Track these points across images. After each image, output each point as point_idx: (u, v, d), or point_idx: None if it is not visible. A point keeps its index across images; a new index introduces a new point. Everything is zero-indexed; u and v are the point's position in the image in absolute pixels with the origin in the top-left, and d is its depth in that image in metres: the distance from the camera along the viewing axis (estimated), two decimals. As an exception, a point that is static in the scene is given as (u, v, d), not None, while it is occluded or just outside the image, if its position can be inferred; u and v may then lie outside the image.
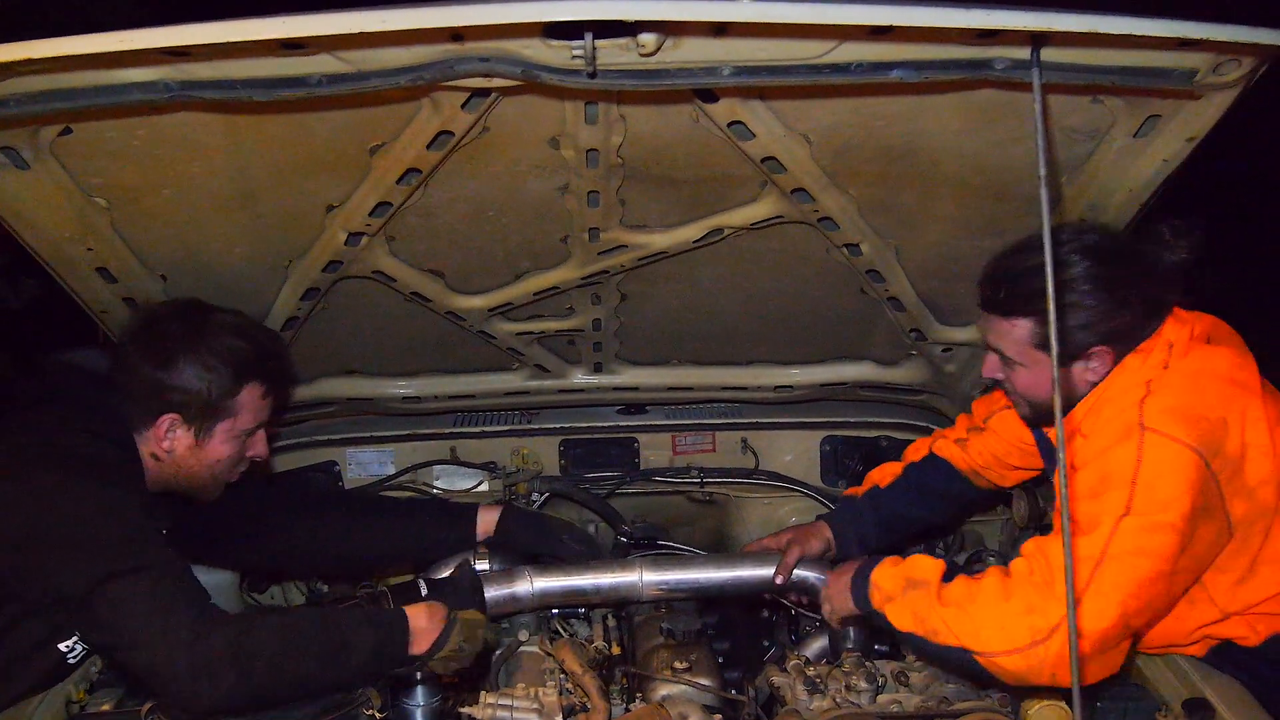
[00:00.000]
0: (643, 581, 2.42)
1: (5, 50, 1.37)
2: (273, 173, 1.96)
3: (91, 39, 1.38)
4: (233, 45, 1.39)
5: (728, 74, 1.59)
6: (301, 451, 3.12)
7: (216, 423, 2.15)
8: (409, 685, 2.19)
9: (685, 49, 1.53)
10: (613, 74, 1.54)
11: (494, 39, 1.50)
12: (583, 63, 1.50)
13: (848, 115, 1.89)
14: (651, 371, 3.02)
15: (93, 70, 1.50)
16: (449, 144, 1.85)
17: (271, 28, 1.36)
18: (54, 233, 1.97)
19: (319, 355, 2.77)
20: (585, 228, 2.22)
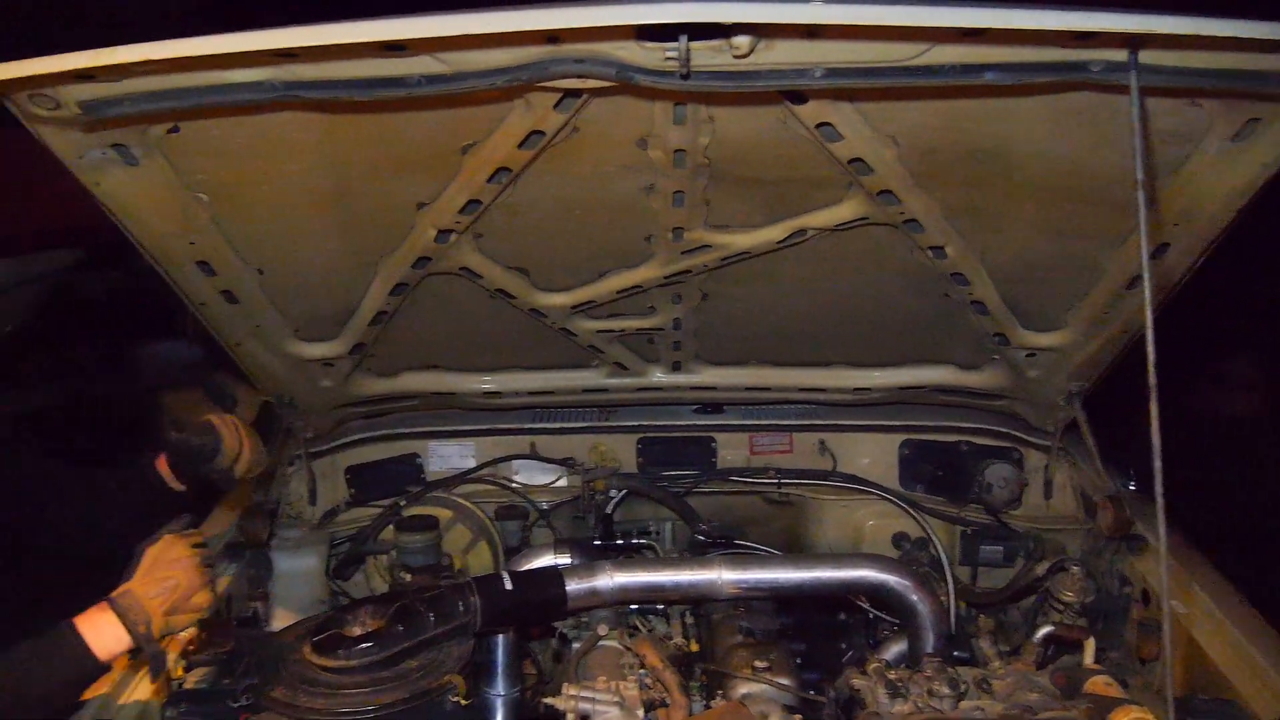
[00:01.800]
0: (721, 579, 2.42)
1: (125, 52, 1.43)
2: (366, 171, 2.01)
3: (206, 41, 1.43)
4: (338, 47, 1.44)
5: (819, 76, 1.59)
6: (384, 444, 3.19)
7: None
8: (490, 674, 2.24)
9: (778, 51, 1.54)
10: (705, 76, 1.56)
11: (589, 41, 1.52)
12: (676, 64, 1.51)
13: (936, 117, 1.88)
14: (730, 371, 3.03)
15: (204, 71, 1.55)
16: (539, 144, 1.89)
17: (376, 30, 1.41)
18: (158, 227, 2.05)
19: (403, 349, 2.83)
20: (669, 227, 2.24)
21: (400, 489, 3.18)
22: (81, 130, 1.71)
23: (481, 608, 2.12)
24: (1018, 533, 3.02)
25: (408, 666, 2.04)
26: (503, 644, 2.26)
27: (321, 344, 2.64)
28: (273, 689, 1.99)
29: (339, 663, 2.01)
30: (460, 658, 2.09)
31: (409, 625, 2.05)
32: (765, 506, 3.27)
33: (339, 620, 2.15)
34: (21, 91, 1.54)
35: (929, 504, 3.13)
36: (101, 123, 1.66)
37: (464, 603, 2.11)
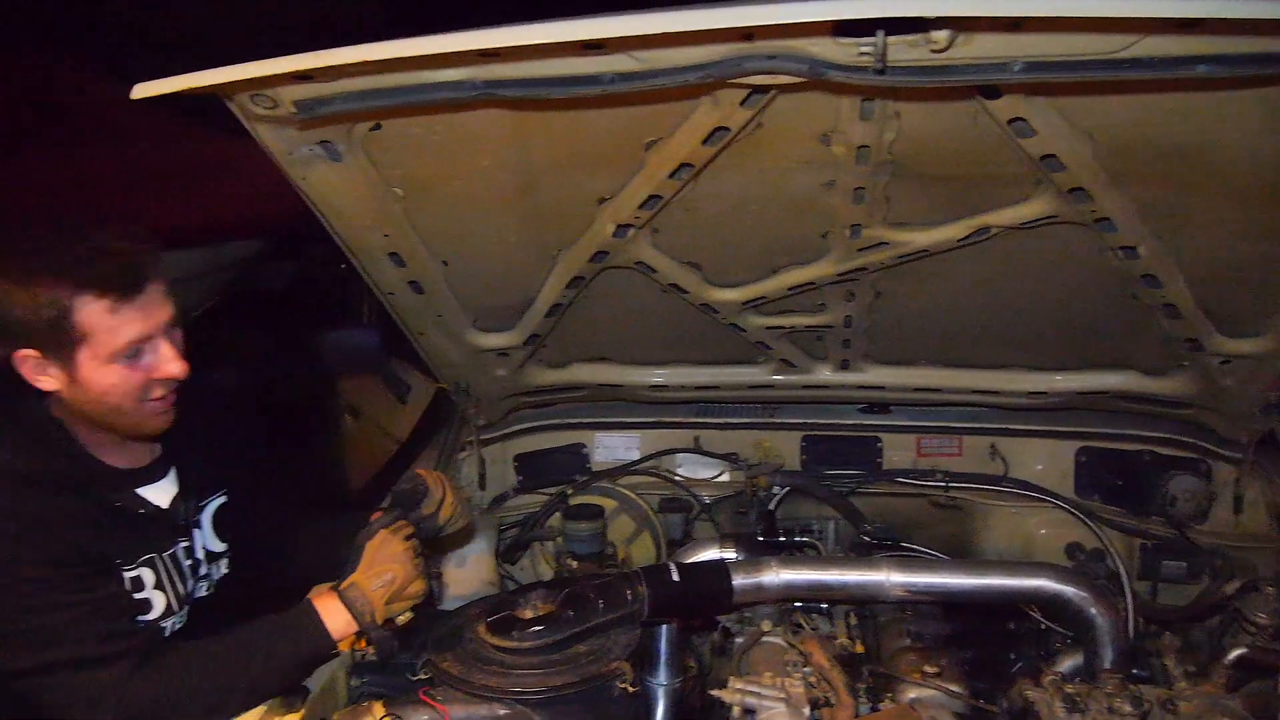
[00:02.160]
0: (889, 582, 2.38)
1: (341, 54, 1.51)
2: (552, 166, 2.06)
3: (414, 43, 1.50)
4: (539, 46, 1.48)
5: (1018, 70, 1.55)
6: (552, 433, 3.27)
7: (73, 351, 1.86)
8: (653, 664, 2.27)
9: (976, 45, 1.51)
10: (900, 71, 1.54)
11: (783, 38, 1.53)
12: (870, 60, 1.50)
13: (1137, 112, 1.80)
14: (899, 371, 2.98)
15: (410, 71, 1.63)
16: (723, 140, 1.90)
17: (578, 30, 1.45)
18: (356, 220, 2.16)
19: (575, 341, 2.89)
20: (848, 224, 2.22)
21: (566, 478, 3.26)
22: (296, 128, 1.82)
23: (649, 597, 2.14)
24: (1203, 549, 2.87)
25: (577, 651, 2.09)
26: (666, 634, 2.27)
27: (498, 334, 2.73)
28: (449, 664, 2.07)
29: (512, 643, 2.07)
30: (627, 645, 2.12)
31: (579, 611, 2.10)
32: (931, 510, 3.21)
33: (512, 603, 2.22)
34: (245, 92, 1.65)
35: (1106, 514, 3.01)
36: (313, 121, 1.75)
37: (632, 591, 2.14)
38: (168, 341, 1.95)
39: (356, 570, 2.11)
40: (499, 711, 1.98)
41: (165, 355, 1.94)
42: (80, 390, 1.90)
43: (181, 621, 2.16)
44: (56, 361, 1.87)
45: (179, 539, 2.14)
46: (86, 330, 1.83)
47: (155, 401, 1.97)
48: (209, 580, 2.27)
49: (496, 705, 1.98)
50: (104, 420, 1.97)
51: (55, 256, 1.81)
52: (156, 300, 1.91)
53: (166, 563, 2.10)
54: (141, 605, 2.04)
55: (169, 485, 2.16)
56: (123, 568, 2.01)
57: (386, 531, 2.15)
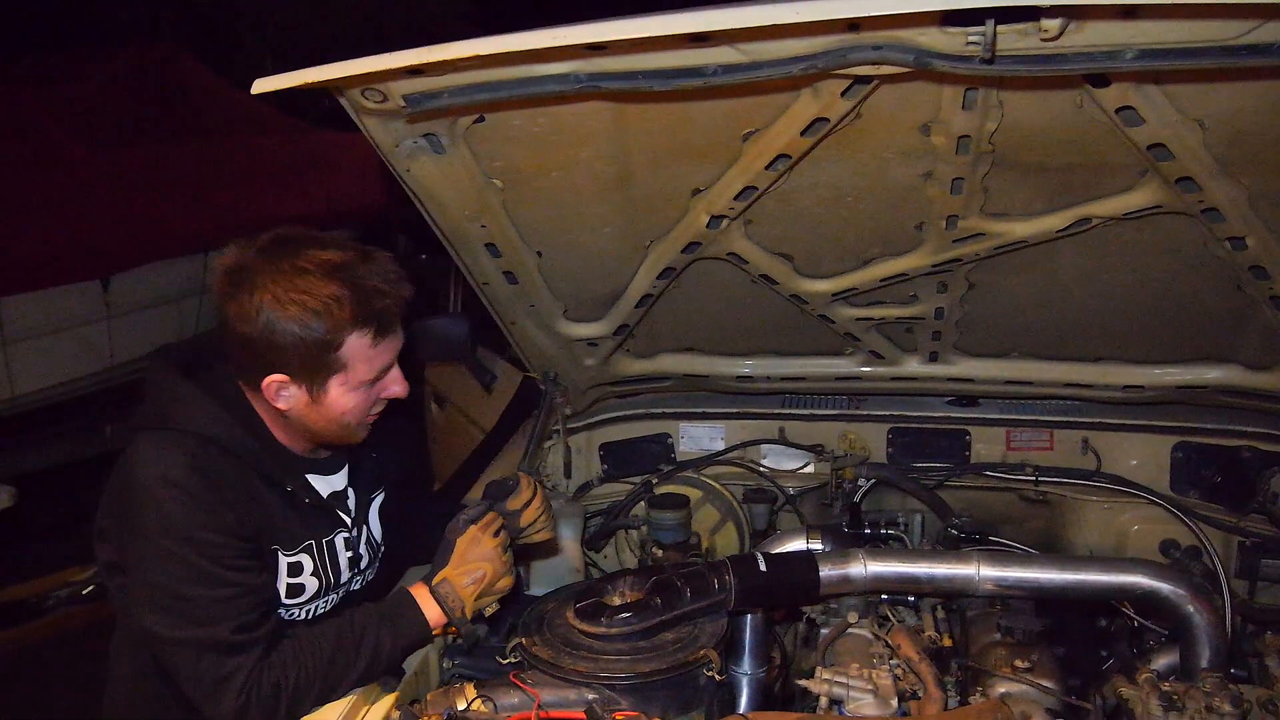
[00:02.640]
0: (980, 576, 2.36)
1: (452, 48, 1.54)
2: (649, 157, 2.08)
3: (523, 37, 1.53)
4: (647, 40, 1.50)
5: (1130, 58, 1.52)
6: (637, 423, 3.30)
7: (328, 378, 1.96)
8: (738, 653, 2.28)
9: (1088, 32, 1.49)
10: (1009, 60, 1.52)
11: (890, 28, 1.52)
12: (978, 49, 1.49)
13: (1251, 99, 1.76)
14: (989, 364, 2.94)
15: (516, 65, 1.66)
16: (822, 130, 1.90)
17: (685, 23, 1.46)
18: (456, 210, 2.19)
19: (663, 331, 2.91)
20: (944, 215, 2.20)
21: (651, 467, 3.28)
22: (403, 122, 1.86)
23: (736, 587, 2.15)
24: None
25: (664, 639, 2.11)
26: (751, 624, 2.29)
27: (588, 324, 2.75)
28: (538, 649, 2.10)
29: (600, 629, 2.10)
30: (714, 634, 2.14)
31: (667, 599, 2.12)
32: (1020, 504, 3.17)
33: (600, 589, 2.25)
34: (359, 86, 1.69)
35: (1203, 511, 2.93)
36: (420, 114, 1.79)
37: (719, 581, 2.15)
38: (398, 365, 2.08)
39: (447, 565, 2.15)
40: (588, 696, 2.01)
41: (394, 378, 2.07)
42: (318, 411, 1.99)
43: (327, 607, 2.22)
44: (305, 385, 1.95)
45: (338, 529, 2.19)
46: (347, 362, 1.94)
47: (371, 417, 2.10)
48: (369, 572, 2.34)
49: (585, 690, 2.01)
50: (323, 433, 2.07)
51: (335, 290, 1.87)
52: (400, 331, 2.03)
53: (324, 549, 2.16)
54: (296, 589, 2.12)
55: (339, 479, 2.24)
56: (283, 552, 2.07)
57: (477, 528, 2.19)
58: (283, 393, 1.96)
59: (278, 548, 2.06)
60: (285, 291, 1.85)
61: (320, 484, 2.18)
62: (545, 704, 1.99)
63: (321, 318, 1.86)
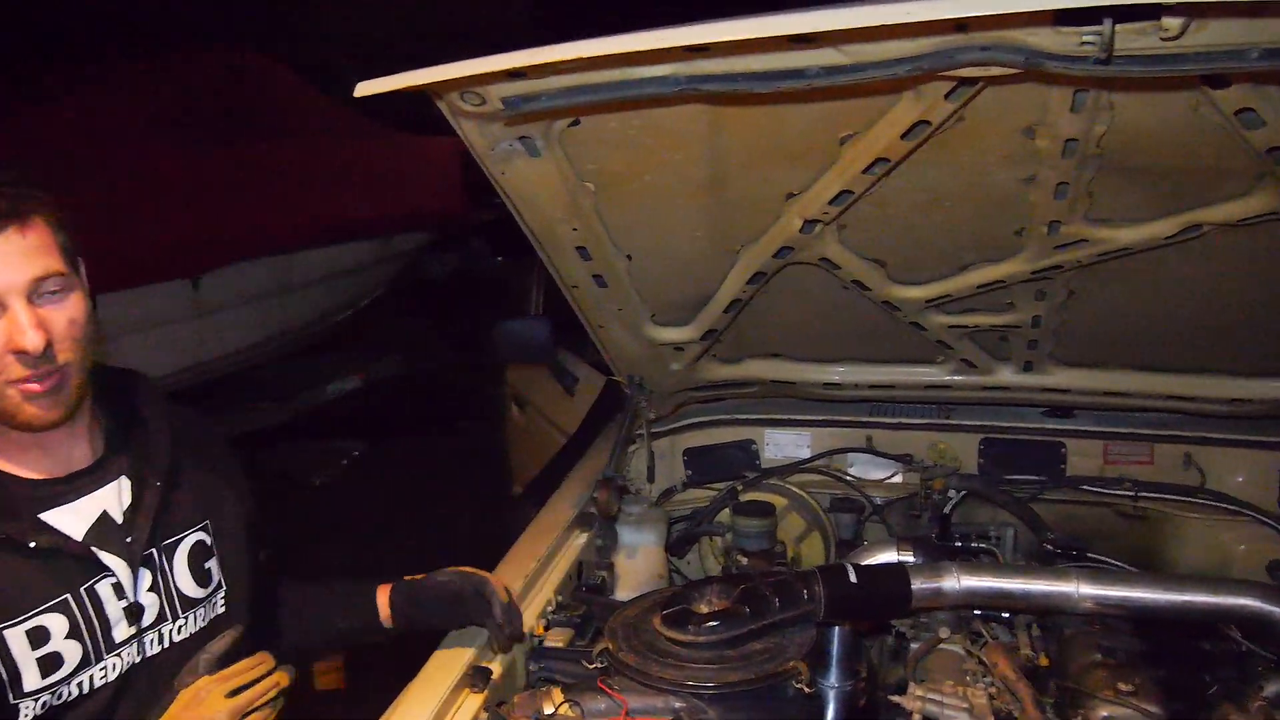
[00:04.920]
0: (1079, 593, 2.28)
1: (554, 51, 1.54)
2: (743, 161, 2.05)
3: (625, 39, 1.52)
4: (748, 41, 1.48)
5: (1255, 57, 1.45)
6: (722, 428, 3.27)
7: None
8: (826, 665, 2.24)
9: (1210, 31, 1.42)
10: (1125, 60, 1.47)
11: (1000, 28, 1.48)
12: (1094, 49, 1.44)
13: (1381, 100, 1.68)
14: (1087, 374, 2.85)
15: (616, 68, 1.65)
16: (923, 134, 1.85)
17: (788, 24, 1.43)
18: (549, 213, 2.20)
19: (750, 336, 2.88)
20: (1045, 221, 2.14)
21: (736, 473, 3.25)
22: (500, 124, 1.87)
23: (825, 597, 2.12)
24: None
25: (752, 648, 2.08)
26: (839, 636, 2.25)
27: (675, 329, 2.74)
28: (625, 654, 2.09)
29: (688, 637, 2.08)
30: (803, 645, 2.11)
31: (755, 608, 2.09)
32: (1117, 520, 3.06)
33: (687, 596, 2.22)
34: (459, 89, 1.70)
35: (1315, 532, 2.81)
36: (518, 117, 1.80)
37: (809, 591, 2.12)
38: (27, 306, 1.52)
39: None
40: (674, 704, 1.99)
41: (18, 323, 1.50)
42: None
43: (111, 676, 1.68)
44: None
45: (100, 574, 1.66)
46: None
47: (19, 385, 1.54)
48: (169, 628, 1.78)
49: (672, 698, 2.00)
50: None
51: None
52: (20, 251, 1.51)
53: (83, 602, 1.63)
54: (50, 662, 1.59)
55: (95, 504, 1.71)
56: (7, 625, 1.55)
57: (206, 680, 1.71)
58: None
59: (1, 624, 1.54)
60: None
61: (64, 518, 1.65)
62: (632, 710, 1.98)
63: None
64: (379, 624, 2.13)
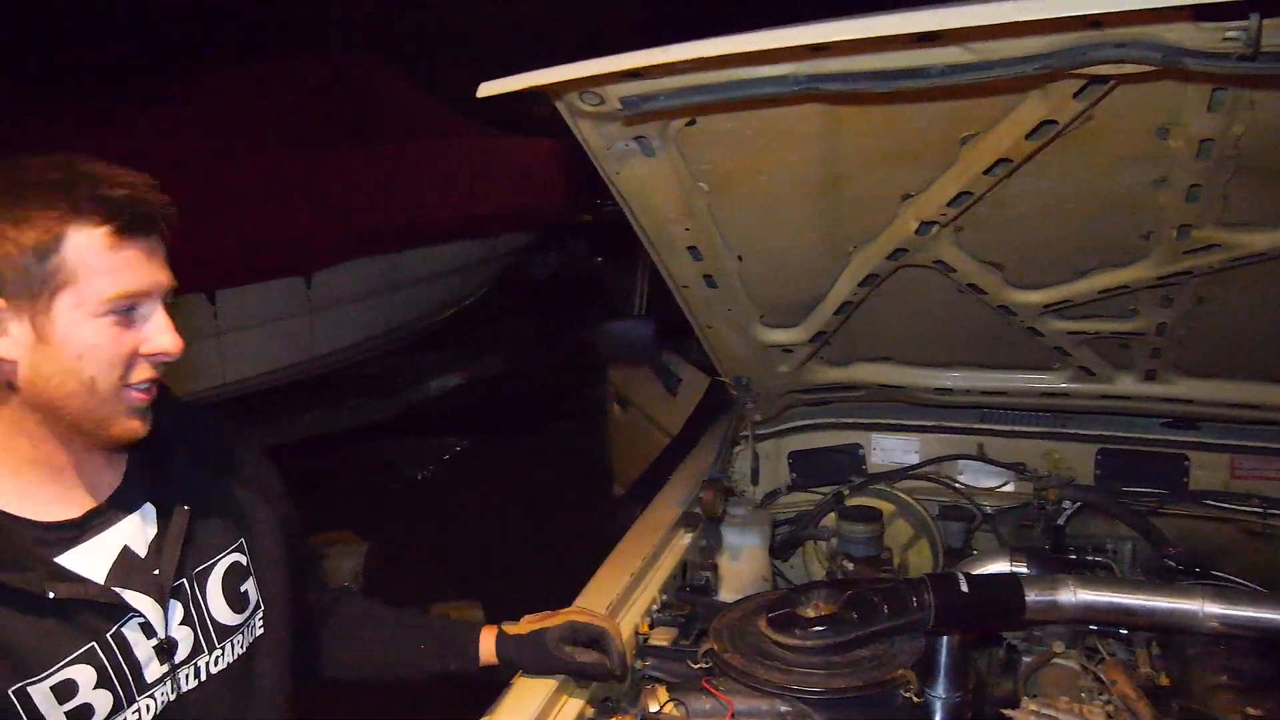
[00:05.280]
0: (1203, 612, 2.20)
1: (674, 50, 1.54)
2: (860, 161, 2.03)
3: (745, 39, 1.51)
4: (872, 40, 1.46)
5: None
6: (828, 432, 3.24)
7: (52, 296, 1.42)
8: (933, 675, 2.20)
9: (1367, 26, 1.36)
10: (1271, 57, 1.41)
11: (1136, 24, 1.43)
12: (1238, 45, 1.38)
13: None
14: (1214, 385, 2.74)
15: (735, 68, 1.64)
16: (1049, 134, 1.80)
17: (914, 21, 1.41)
18: (662, 213, 2.20)
19: (859, 339, 2.84)
20: (1175, 224, 2.06)
21: (841, 478, 3.22)
22: (618, 124, 1.88)
23: (935, 606, 2.08)
24: None
25: (860, 655, 2.06)
26: (947, 645, 2.20)
27: (784, 330, 2.71)
28: (730, 656, 2.08)
29: (795, 641, 2.06)
30: (912, 653, 2.08)
31: (863, 614, 2.07)
32: (1243, 538, 2.93)
33: (794, 600, 2.21)
34: (579, 89, 1.72)
35: None
36: (635, 117, 1.80)
37: (918, 599, 2.09)
38: (166, 310, 1.53)
39: None
40: (780, 708, 1.98)
41: (158, 323, 1.51)
42: (48, 357, 1.44)
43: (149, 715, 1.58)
44: (26, 312, 1.43)
45: (127, 615, 1.55)
46: (76, 268, 1.42)
47: (135, 392, 1.52)
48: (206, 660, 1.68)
49: (778, 701, 1.98)
50: (66, 411, 1.48)
51: (50, 174, 1.43)
52: (162, 257, 1.52)
53: (110, 648, 1.53)
54: (81, 715, 1.49)
55: (116, 538, 1.60)
56: (32, 683, 1.44)
57: None
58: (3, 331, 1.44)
59: (23, 682, 1.43)
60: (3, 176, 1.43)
61: (82, 560, 1.54)
62: (738, 712, 1.98)
63: (33, 203, 1.41)
64: (474, 668, 2.04)
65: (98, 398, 1.47)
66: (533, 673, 2.03)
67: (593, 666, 1.98)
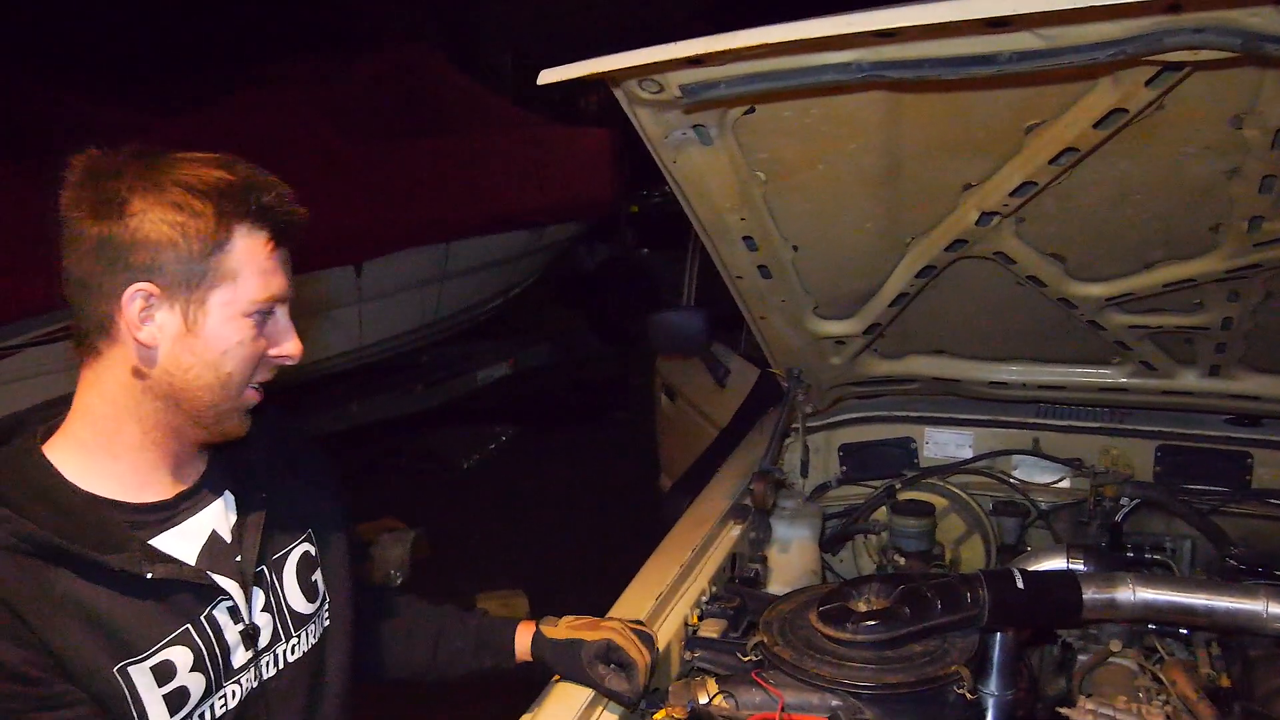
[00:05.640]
0: (1268, 612, 2.15)
1: (736, 37, 1.52)
2: (921, 150, 1.99)
3: (809, 25, 1.49)
4: (940, 26, 1.43)
5: None
6: (880, 425, 3.21)
7: (209, 291, 1.47)
8: (986, 672, 2.18)
9: None
10: (1358, 43, 1.37)
11: (1216, 7, 1.39)
12: (1322, 30, 1.34)
13: None
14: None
15: (796, 55, 1.62)
16: (1119, 122, 1.76)
17: (984, 6, 1.38)
18: (718, 203, 2.17)
19: (914, 332, 2.81)
20: (1246, 216, 2.01)
21: (893, 471, 3.18)
22: (677, 112, 1.86)
23: (990, 602, 2.06)
24: None
25: (912, 650, 2.03)
26: (1001, 642, 2.18)
27: (838, 322, 2.68)
28: (780, 649, 2.06)
29: (846, 635, 2.05)
30: (965, 650, 2.05)
31: (916, 609, 2.04)
32: (1308, 538, 2.88)
33: (845, 594, 2.19)
34: (638, 77, 1.70)
35: None
36: (695, 105, 1.78)
37: (973, 595, 2.06)
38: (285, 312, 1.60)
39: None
40: (831, 702, 1.96)
41: (285, 327, 1.59)
42: (191, 348, 1.49)
43: (231, 704, 1.60)
44: (178, 302, 1.47)
45: (216, 598, 1.58)
46: (236, 267, 1.48)
47: (252, 391, 1.59)
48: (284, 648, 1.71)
49: (829, 695, 1.97)
50: (194, 402, 1.52)
51: (222, 175, 1.48)
52: (290, 264, 1.59)
53: (204, 630, 1.55)
54: (178, 697, 1.50)
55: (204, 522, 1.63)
56: (133, 663, 1.45)
57: None
58: (149, 317, 1.46)
59: (125, 661, 1.44)
60: (162, 174, 1.45)
61: (175, 541, 1.56)
62: (788, 706, 1.96)
63: (207, 199, 1.45)
64: (510, 665, 2.06)
65: (227, 393, 1.53)
66: (561, 675, 2.01)
67: (617, 695, 1.93)
